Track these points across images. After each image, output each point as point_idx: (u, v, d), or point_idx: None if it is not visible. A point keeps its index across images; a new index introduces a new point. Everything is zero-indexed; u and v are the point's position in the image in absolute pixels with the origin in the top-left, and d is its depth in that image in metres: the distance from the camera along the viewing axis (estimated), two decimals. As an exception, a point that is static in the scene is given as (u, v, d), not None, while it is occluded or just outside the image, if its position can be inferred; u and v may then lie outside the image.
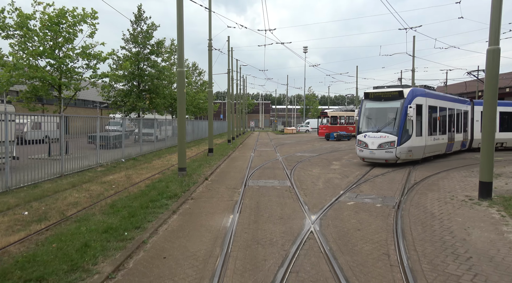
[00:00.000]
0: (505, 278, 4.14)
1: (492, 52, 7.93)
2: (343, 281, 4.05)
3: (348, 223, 6.40)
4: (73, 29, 16.53)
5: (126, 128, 18.74)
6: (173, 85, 30.62)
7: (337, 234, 5.78)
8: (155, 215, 6.61)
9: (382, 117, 14.66)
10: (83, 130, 14.12)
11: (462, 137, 19.64)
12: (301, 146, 26.69)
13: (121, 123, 18.69)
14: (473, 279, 4.12)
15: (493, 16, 7.88)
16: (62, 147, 11.64)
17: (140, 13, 26.16)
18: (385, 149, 13.90)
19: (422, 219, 6.64)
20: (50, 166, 10.84)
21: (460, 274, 4.24)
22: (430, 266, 4.49)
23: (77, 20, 16.44)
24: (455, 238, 5.56)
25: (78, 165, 12.49)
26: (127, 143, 18.19)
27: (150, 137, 22.00)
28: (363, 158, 14.77)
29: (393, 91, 14.40)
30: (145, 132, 21.52)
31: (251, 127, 78.43)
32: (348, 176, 11.91)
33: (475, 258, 4.72)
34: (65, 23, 16.24)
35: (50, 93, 17.00)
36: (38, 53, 15.46)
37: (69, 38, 16.46)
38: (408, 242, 5.37)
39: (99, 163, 13.95)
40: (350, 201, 8.13)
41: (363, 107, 15.30)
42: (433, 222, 6.44)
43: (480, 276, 4.19)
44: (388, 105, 14.51)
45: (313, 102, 72.74)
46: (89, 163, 13.35)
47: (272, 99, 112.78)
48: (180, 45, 11.22)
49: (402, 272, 4.31)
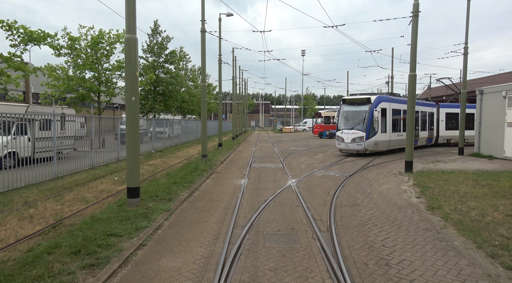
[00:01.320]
0: (382, 199, 8.38)
1: (411, 76, 12.21)
2: (301, 199, 8.30)
3: (313, 182, 10.67)
4: (110, 47, 20.81)
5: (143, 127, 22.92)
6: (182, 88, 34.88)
7: (305, 185, 10.06)
8: (197, 178, 10.89)
9: (355, 118, 18.89)
10: (108, 128, 18.35)
11: (428, 134, 23.88)
12: (296, 142, 30.96)
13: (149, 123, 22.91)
14: (366, 199, 8.36)
15: (412, 50, 12.13)
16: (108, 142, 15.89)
17: (156, 27, 30.43)
18: (357, 143, 18.15)
19: (359, 181, 10.90)
20: (102, 155, 15.08)
21: (362, 197, 8.49)
22: (348, 196, 8.74)
23: (113, 41, 20.71)
24: (371, 187, 9.82)
25: (119, 155, 16.67)
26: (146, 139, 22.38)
27: (163, 135, 26.04)
28: (340, 149, 19.02)
29: (363, 98, 18.66)
30: (159, 130, 25.59)
31: (252, 127, 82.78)
32: (326, 161, 16.19)
33: (374, 194, 8.98)
34: (104, 43, 20.51)
35: (92, 99, 21.31)
36: (84, 67, 19.74)
37: (107, 55, 20.75)
38: (343, 189, 9.62)
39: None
40: (319, 173, 12.41)
41: (341, 110, 19.58)
42: (364, 182, 10.70)
43: (370, 198, 8.45)
44: (359, 108, 18.76)
45: (310, 102, 76.97)
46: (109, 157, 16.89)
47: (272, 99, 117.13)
48: (203, 67, 15.48)
49: (331, 198, 8.53)
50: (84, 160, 13.12)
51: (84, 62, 20.07)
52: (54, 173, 10.82)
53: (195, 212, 7.28)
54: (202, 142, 15.57)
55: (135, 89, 7.23)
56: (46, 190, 8.85)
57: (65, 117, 13.78)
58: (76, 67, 19.88)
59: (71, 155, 14.99)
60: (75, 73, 19.92)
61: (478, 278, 4.17)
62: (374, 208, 7.52)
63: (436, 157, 17.79)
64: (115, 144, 16.59)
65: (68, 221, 6.34)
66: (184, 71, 40.78)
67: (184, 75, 40.38)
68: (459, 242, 5.34)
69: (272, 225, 6.29)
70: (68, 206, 7.35)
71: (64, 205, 7.47)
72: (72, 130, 14.72)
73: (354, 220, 6.61)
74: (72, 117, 14.44)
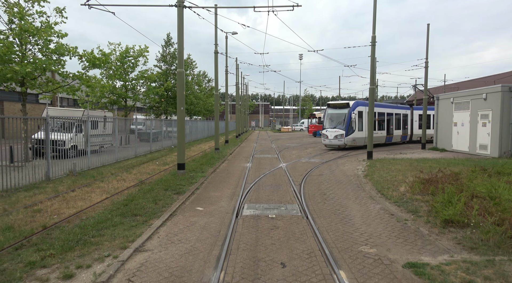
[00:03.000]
0: (339, 173, 12.78)
1: (371, 89, 16.63)
2: (287, 172, 12.72)
3: (298, 165, 15.09)
4: (135, 60, 25.24)
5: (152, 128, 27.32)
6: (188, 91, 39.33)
7: (291, 166, 14.48)
8: (215, 162, 15.31)
9: (337, 119, 23.31)
10: (124, 128, 22.69)
11: (402, 132, 28.29)
12: (291, 140, 35.40)
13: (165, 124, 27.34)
14: (330, 172, 12.76)
15: (371, 69, 16.54)
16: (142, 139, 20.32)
17: (169, 38, 34.86)
18: (338, 139, 22.57)
19: (331, 164, 15.31)
20: (129, 149, 19.49)
21: (327, 172, 12.90)
22: (318, 171, 13.15)
23: (137, 55, 25.10)
24: (337, 168, 14.23)
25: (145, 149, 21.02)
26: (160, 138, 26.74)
27: (173, 135, 30.30)
28: (325, 144, 23.44)
29: (343, 103, 23.10)
30: (170, 130, 29.89)
31: (252, 127, 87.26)
32: (312, 153, 20.61)
33: (336, 170, 13.39)
34: (130, 57, 24.92)
35: (121, 103, 25.73)
36: (115, 77, 24.14)
37: (132, 66, 25.19)
38: (317, 168, 14.02)
39: (157, 149, 22.62)
40: (304, 160, 16.83)
41: (326, 113, 24.02)
42: (334, 165, 15.11)
43: (332, 172, 12.86)
44: (340, 111, 23.18)
45: (308, 103, 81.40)
46: (149, 148, 21.61)
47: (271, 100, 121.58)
48: (216, 80, 19.89)
49: (307, 172, 12.92)
50: (126, 151, 17.52)
51: (115, 73, 24.49)
52: (116, 158, 15.25)
53: (220, 177, 11.72)
54: (215, 138, 20.00)
55: (182, 103, 11.66)
56: (118, 168, 13.28)
57: (107, 119, 18.19)
58: (108, 77, 24.32)
59: (110, 149, 19.34)
60: (108, 82, 24.36)
61: (367, 198, 8.58)
62: (332, 176, 11.96)
63: (402, 150, 22.19)
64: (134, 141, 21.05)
65: (146, 181, 10.75)
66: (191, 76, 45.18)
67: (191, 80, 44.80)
68: (368, 187, 9.78)
69: (268, 182, 10.72)
70: (140, 175, 11.76)
71: (135, 175, 11.87)
72: (111, 129, 19.15)
73: (316, 180, 11.04)
74: (111, 119, 18.86)
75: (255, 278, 4.23)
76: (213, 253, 5.03)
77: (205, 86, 56.17)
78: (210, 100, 49.11)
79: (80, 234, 5.58)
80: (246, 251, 5.11)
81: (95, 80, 22.48)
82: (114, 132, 20.66)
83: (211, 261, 4.72)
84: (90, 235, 5.60)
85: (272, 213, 7.24)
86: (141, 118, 26.15)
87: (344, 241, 5.52)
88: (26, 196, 8.37)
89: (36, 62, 13.79)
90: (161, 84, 32.80)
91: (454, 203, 6.36)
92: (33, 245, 5.16)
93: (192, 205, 7.97)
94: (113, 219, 6.43)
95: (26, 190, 9.00)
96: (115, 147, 16.22)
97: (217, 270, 4.43)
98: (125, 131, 22.92)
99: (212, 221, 6.68)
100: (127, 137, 23.67)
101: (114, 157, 15.56)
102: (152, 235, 5.74)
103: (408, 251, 5.07)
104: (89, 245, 5.19)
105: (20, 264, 4.50)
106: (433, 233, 5.80)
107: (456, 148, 20.35)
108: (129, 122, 24.07)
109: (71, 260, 4.65)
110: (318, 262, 4.70)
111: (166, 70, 34.33)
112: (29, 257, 4.68)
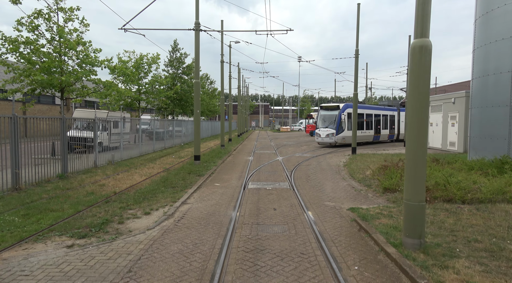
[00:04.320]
0: (325, 163, 15.71)
1: (355, 95, 19.55)
2: (282, 163, 15.64)
3: (292, 158, 18.02)
4: (148, 67, 28.16)
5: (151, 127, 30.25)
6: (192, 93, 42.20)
7: (286, 159, 17.42)
8: (223, 156, 18.24)
9: (328, 119, 26.23)
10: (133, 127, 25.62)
11: (389, 132, 31.23)
12: (289, 139, 38.35)
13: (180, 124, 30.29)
14: (317, 163, 15.69)
15: (355, 78, 19.45)
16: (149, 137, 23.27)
17: (176, 44, 37.79)
18: (329, 137, 25.50)
19: (320, 158, 18.24)
20: (149, 146, 22.42)
21: (315, 163, 15.83)
22: (308, 162, 16.07)
23: (150, 62, 28.01)
24: (325, 160, 17.16)
25: (161, 146, 23.89)
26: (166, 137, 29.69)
27: (181, 133, 33.16)
28: (318, 142, 26.38)
29: (334, 105, 26.05)
30: (177, 129, 32.72)
31: (252, 127, 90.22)
32: (306, 150, 23.55)
33: (323, 162, 16.31)
34: (144, 63, 27.83)
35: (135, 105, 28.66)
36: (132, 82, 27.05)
37: (146, 72, 28.13)
38: (307, 161, 16.95)
39: (170, 145, 25.56)
40: (298, 155, 19.77)
41: (319, 114, 26.96)
42: (322, 158, 18.04)
43: (319, 163, 15.79)
44: (332, 113, 26.11)
45: (306, 104, 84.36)
46: (163, 145, 24.49)
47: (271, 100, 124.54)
48: (222, 87, 22.83)
49: (299, 163, 15.85)
50: (147, 147, 20.46)
51: (131, 78, 27.42)
52: (139, 152, 18.20)
53: (228, 166, 14.66)
54: (221, 136, 22.96)
55: (198, 106, 14.61)
56: (143, 160, 16.21)
57: (125, 119, 21.10)
58: (125, 82, 27.27)
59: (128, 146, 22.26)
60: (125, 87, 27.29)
61: (340, 179, 11.50)
62: (318, 166, 14.89)
63: (386, 148, 25.13)
64: (150, 139, 23.95)
65: (171, 168, 13.67)
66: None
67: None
68: (343, 173, 12.71)
69: (266, 169, 13.65)
70: (163, 165, 14.67)
71: (160, 164, 14.78)
72: (128, 128, 22.09)
73: (305, 169, 13.96)
74: (128, 119, 21.79)
75: (257, 214, 7.15)
76: (231, 204, 7.97)
77: (207, 88, 59.15)
78: (212, 102, 52.04)
79: (142, 195, 8.51)
80: (251, 204, 8.04)
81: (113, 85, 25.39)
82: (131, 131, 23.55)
83: (230, 208, 7.65)
84: (149, 196, 8.54)
85: (269, 186, 10.17)
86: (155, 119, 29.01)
87: (315, 200, 8.45)
88: (87, 176, 11.30)
89: (76, 73, 16.73)
90: (169, 87, 35.73)
91: (393, 178, 9.29)
92: (115, 201, 8.08)
93: (211, 182, 10.91)
94: (159, 188, 9.37)
95: (83, 173, 11.93)
96: (139, 143, 19.12)
97: (234, 211, 7.36)
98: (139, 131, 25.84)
99: (227, 191, 9.61)
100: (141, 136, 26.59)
101: (138, 151, 18.50)
102: (189, 196, 8.68)
103: (354, 204, 7.99)
104: (151, 200, 8.13)
105: (115, 207, 7.43)
106: (375, 196, 8.73)
107: (432, 145, 23.27)
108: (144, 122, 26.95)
109: (145, 207, 7.59)
110: (296, 208, 7.63)
111: (173, 74, 37.25)
112: (118, 205, 7.60)
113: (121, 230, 6.07)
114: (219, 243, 5.43)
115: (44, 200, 7.95)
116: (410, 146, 4.95)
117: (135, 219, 6.75)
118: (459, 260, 4.41)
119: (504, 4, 12.03)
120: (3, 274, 4.27)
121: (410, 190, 4.85)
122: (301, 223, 6.55)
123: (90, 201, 7.93)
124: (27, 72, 15.90)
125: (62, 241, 5.48)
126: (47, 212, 6.95)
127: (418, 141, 4.86)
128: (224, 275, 4.30)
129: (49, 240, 5.50)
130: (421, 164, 4.81)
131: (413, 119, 4.89)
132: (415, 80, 4.80)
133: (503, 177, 8.86)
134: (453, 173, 9.64)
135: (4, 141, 8.55)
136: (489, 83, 12.88)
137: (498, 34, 12.30)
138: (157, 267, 4.52)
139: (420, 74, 4.73)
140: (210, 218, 6.90)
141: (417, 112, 4.83)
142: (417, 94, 4.81)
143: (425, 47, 4.61)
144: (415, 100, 4.84)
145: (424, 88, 4.79)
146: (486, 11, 12.96)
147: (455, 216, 6.49)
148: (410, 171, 4.87)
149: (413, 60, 4.74)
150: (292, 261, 4.76)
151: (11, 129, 8.57)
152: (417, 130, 4.86)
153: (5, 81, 16.35)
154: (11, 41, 15.36)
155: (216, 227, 6.31)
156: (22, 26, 15.96)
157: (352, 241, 5.57)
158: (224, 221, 6.69)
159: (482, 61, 13.36)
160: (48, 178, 10.40)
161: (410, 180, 4.87)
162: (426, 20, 4.56)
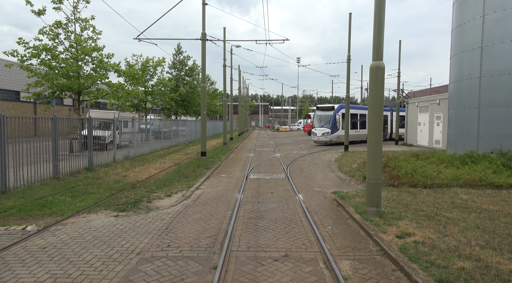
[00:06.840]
0: (319, 159, 17.41)
1: (347, 97, 21.25)
2: (280, 159, 17.35)
3: (289, 155, 19.73)
4: (154, 69, 29.88)
5: (158, 127, 31.94)
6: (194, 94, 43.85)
7: (284, 156, 19.14)
8: (226, 153, 19.94)
9: (324, 119, 27.94)
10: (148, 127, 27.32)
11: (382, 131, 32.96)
12: (287, 138, 40.07)
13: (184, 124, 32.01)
14: (312, 159, 17.39)
15: (347, 82, 21.15)
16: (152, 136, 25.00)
17: (179, 47, 39.50)
18: (325, 136, 27.21)
19: (315, 155, 19.95)
20: (157, 144, 24.14)
21: (310, 159, 17.53)
22: (303, 158, 17.78)
23: (156, 65, 29.73)
24: (319, 156, 18.86)
25: (168, 144, 25.56)
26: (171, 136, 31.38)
27: (184, 133, 34.83)
28: (314, 141, 28.11)
29: (329, 106, 27.76)
30: (181, 129, 34.41)
31: (252, 127, 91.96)
32: (302, 148, 25.26)
33: (317, 158, 18.02)
34: (150, 66, 29.54)
35: (142, 106, 30.37)
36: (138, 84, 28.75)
37: (152, 74, 29.85)
38: (303, 157, 18.66)
39: (175, 144, 27.29)
40: (295, 152, 21.47)
41: (315, 114, 28.69)
42: (316, 155, 19.76)
43: (314, 159, 17.50)
44: (327, 113, 27.82)
45: (305, 104, 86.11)
46: (166, 144, 26.16)
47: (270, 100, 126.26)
48: (225, 91, 24.53)
49: (295, 159, 17.55)
50: (155, 145, 22.16)
51: (138, 80, 29.12)
52: (150, 150, 19.91)
53: (232, 161, 16.37)
54: (224, 135, 24.68)
55: (204, 108, 16.31)
56: (154, 156, 17.91)
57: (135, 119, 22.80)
58: (132, 84, 28.97)
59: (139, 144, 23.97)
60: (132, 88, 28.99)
61: (329, 171, 13.21)
62: (312, 161, 16.60)
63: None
64: (157, 138, 25.67)
65: (181, 163, 15.37)
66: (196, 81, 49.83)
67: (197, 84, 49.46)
68: (334, 166, 14.43)
69: (265, 164, 15.35)
70: (173, 160, 16.37)
71: (170, 160, 16.48)
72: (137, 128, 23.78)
73: (300, 163, 15.67)
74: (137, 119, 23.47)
75: (258, 196, 8.86)
76: (236, 189, 9.68)
77: (209, 88, 60.79)
78: (214, 102, 53.74)
79: (161, 183, 10.22)
80: (252, 189, 9.76)
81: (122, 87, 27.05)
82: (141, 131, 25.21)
83: (235, 192, 9.36)
84: (167, 183, 10.25)
85: (268, 177, 11.88)
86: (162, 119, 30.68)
87: (306, 186, 10.16)
88: (109, 169, 13.01)
89: (92, 77, 18.44)
90: (172, 88, 37.45)
91: (372, 169, 10.98)
92: (140, 187, 9.79)
93: (218, 173, 12.63)
94: (174, 178, 11.08)
95: (105, 167, 13.63)
96: (149, 141, 20.79)
97: (239, 194, 9.07)
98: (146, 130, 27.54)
99: (232, 180, 11.32)
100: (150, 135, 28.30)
101: (148, 149, 20.22)
102: (201, 184, 10.40)
103: (337, 189, 9.70)
104: (170, 186, 9.84)
105: (142, 191, 9.13)
106: (356, 184, 10.45)
107: (420, 143, 24.99)
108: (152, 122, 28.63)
109: (166, 191, 9.30)
110: (290, 192, 9.35)
111: (177, 76, 38.98)
112: (144, 190, 9.31)
113: (151, 207, 7.77)
114: (229, 213, 7.14)
115: (82, 186, 9.66)
116: (370, 139, 6.66)
117: (160, 200, 8.45)
118: (403, 220, 6.13)
119: (473, 19, 13.76)
120: (78, 229, 5.98)
121: (371, 172, 6.56)
122: (292, 202, 8.26)
123: (119, 187, 9.64)
124: (48, 77, 17.59)
125: (108, 212, 7.18)
126: (88, 194, 8.66)
127: (376, 135, 6.56)
128: (234, 231, 6.01)
129: (99, 212, 7.20)
130: (378, 153, 6.52)
131: (373, 119, 6.59)
132: (374, 89, 6.51)
133: (464, 168, 10.57)
134: (424, 165, 11.35)
135: (41, 138, 10.23)
136: (463, 88, 14.62)
137: (469, 44, 14.04)
138: (185, 227, 6.23)
139: (377, 86, 6.44)
140: (220, 198, 8.62)
141: (376, 113, 6.54)
142: (374, 98, 6.52)
143: (379, 67, 6.32)
144: (373, 104, 6.55)
145: (379, 96, 6.50)
146: (460, 23, 14.70)
147: (413, 196, 8.21)
148: (370, 158, 6.58)
149: (372, 76, 6.45)
150: (283, 223, 6.46)
151: (53, 128, 10.28)
152: (375, 126, 6.56)
153: (28, 85, 18.05)
154: (34, 47, 17.03)
155: (226, 204, 8.02)
156: (43, 35, 17.65)
157: (330, 212, 7.28)
158: (232, 200, 8.41)
159: (458, 67, 15.10)
160: (78, 169, 12.12)
161: (370, 165, 6.58)
162: (380, 47, 6.28)
